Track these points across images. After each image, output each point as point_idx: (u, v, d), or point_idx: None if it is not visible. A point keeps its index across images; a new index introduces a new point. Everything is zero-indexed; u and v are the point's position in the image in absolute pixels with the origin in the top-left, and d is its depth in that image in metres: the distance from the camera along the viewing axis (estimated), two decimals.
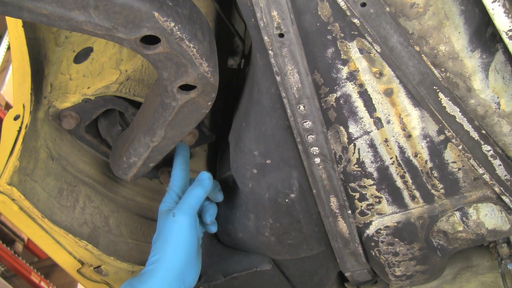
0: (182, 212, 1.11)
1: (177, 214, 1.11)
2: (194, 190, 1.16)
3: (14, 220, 1.14)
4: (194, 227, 1.12)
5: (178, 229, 1.10)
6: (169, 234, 1.10)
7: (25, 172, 1.12)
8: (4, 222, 4.16)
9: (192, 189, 1.16)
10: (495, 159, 0.98)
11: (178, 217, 1.10)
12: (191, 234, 1.11)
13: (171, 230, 1.10)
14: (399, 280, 1.26)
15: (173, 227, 1.10)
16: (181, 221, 1.10)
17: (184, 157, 1.25)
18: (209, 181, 1.18)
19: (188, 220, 1.11)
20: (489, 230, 1.11)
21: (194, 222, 1.12)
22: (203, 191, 1.16)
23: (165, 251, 1.08)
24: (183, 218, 1.10)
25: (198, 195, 1.15)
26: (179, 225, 1.10)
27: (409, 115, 0.98)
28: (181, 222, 1.10)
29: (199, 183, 1.17)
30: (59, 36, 1.40)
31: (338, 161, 1.08)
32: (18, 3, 0.79)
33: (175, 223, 1.10)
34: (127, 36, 0.84)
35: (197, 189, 1.16)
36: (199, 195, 1.15)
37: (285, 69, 0.95)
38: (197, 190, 1.16)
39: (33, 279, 3.97)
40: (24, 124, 1.15)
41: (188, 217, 1.11)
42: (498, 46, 0.88)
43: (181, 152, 1.26)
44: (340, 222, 1.16)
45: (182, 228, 1.10)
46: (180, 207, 1.13)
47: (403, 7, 0.86)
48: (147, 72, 1.22)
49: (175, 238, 1.09)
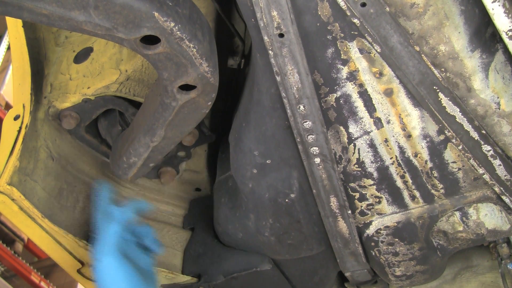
0: (104, 253, 1.11)
1: (100, 257, 1.11)
2: (110, 228, 1.15)
3: (14, 220, 1.14)
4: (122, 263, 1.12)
5: (108, 271, 1.10)
6: (104, 280, 1.10)
7: (25, 172, 1.12)
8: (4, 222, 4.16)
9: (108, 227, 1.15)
10: (495, 159, 0.98)
11: (102, 260, 1.11)
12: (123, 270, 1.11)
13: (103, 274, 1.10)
14: (399, 280, 1.26)
15: (103, 271, 1.11)
16: (107, 263, 1.10)
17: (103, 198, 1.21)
18: (122, 216, 1.17)
19: (113, 259, 1.11)
20: (489, 230, 1.11)
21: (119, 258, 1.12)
22: (118, 226, 1.15)
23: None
24: (108, 259, 1.11)
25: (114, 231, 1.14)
26: (106, 267, 1.10)
27: (409, 115, 0.98)
28: (108, 263, 1.10)
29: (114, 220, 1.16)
30: (59, 36, 1.40)
31: (338, 161, 1.08)
32: (18, 3, 0.79)
33: (103, 267, 1.11)
34: (127, 36, 0.84)
35: (112, 225, 1.15)
36: (115, 231, 1.14)
37: (285, 69, 0.95)
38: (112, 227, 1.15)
39: (33, 279, 3.97)
40: (24, 124, 1.15)
41: (111, 256, 1.11)
42: (498, 46, 0.88)
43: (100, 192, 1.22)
44: (340, 222, 1.16)
45: (110, 269, 1.10)
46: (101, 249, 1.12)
47: (403, 7, 0.86)
48: (147, 72, 1.22)
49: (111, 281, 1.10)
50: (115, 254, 1.12)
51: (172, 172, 1.44)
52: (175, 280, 1.36)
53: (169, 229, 1.47)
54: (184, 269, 1.40)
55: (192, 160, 1.51)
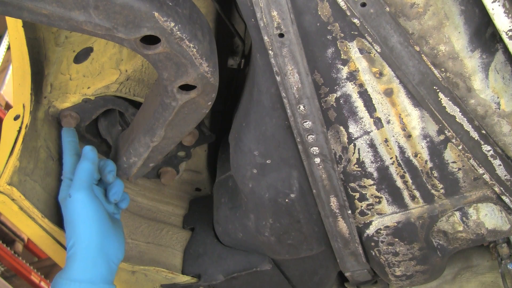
0: (76, 189, 1.08)
1: (72, 193, 1.08)
2: (80, 165, 1.12)
3: (14, 220, 1.14)
4: (93, 200, 1.09)
5: (78, 207, 1.07)
6: (73, 216, 1.08)
7: (25, 172, 1.12)
8: (4, 222, 4.16)
9: (79, 165, 1.13)
10: (495, 159, 0.98)
11: (73, 196, 1.08)
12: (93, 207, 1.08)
13: (73, 210, 1.08)
14: (399, 280, 1.26)
15: (74, 207, 1.08)
16: (77, 198, 1.08)
17: (71, 142, 1.21)
18: (91, 152, 1.15)
19: (83, 195, 1.08)
20: (489, 230, 1.11)
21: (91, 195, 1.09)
22: (89, 163, 1.13)
23: (76, 232, 1.06)
24: (78, 195, 1.08)
25: (85, 168, 1.12)
26: (77, 202, 1.07)
27: (409, 115, 0.98)
28: (78, 199, 1.08)
29: (83, 157, 1.14)
30: (59, 36, 1.40)
31: (338, 161, 1.08)
32: (18, 3, 0.79)
33: (73, 203, 1.08)
34: (127, 36, 0.84)
35: (83, 162, 1.13)
36: (86, 167, 1.12)
37: (285, 69, 0.95)
38: (83, 164, 1.12)
39: (33, 279, 3.97)
40: (24, 124, 1.15)
41: (82, 191, 1.08)
42: (498, 46, 0.88)
43: (66, 138, 1.22)
44: (340, 222, 1.16)
45: (81, 204, 1.08)
46: (72, 186, 1.10)
47: (403, 7, 0.86)
48: (147, 72, 1.22)
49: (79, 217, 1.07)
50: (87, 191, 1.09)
51: (172, 172, 1.44)
52: (175, 280, 1.36)
53: (169, 229, 1.47)
54: (184, 269, 1.40)
55: (192, 160, 1.51)
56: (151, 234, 1.42)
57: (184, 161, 1.46)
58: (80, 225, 1.07)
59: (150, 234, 1.43)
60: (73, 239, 1.06)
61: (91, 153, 1.15)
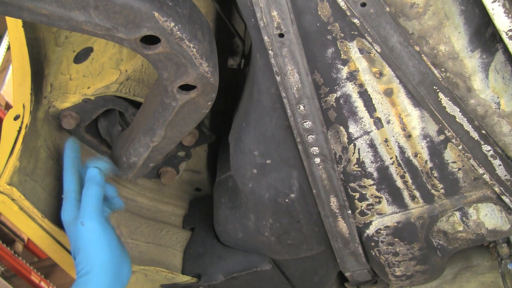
0: (89, 217, 1.07)
1: (85, 221, 1.07)
2: (91, 191, 1.10)
3: (14, 220, 1.14)
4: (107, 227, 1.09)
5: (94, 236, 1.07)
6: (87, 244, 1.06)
7: (25, 172, 1.12)
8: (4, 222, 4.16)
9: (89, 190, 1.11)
10: (495, 159, 0.98)
11: (88, 225, 1.07)
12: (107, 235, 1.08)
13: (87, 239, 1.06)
14: (399, 280, 1.26)
15: (88, 236, 1.06)
16: (92, 227, 1.07)
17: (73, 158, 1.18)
18: (100, 176, 1.13)
19: (98, 223, 1.07)
20: (489, 230, 1.11)
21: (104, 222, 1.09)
22: (100, 188, 1.12)
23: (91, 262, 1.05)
24: (94, 224, 1.07)
25: (96, 193, 1.11)
26: (92, 232, 1.06)
27: (409, 115, 0.98)
28: (94, 228, 1.07)
29: (93, 181, 1.12)
30: (59, 36, 1.40)
31: (338, 161, 1.08)
32: (18, 3, 0.79)
33: (88, 232, 1.06)
34: (127, 36, 0.84)
35: (93, 188, 1.11)
36: (97, 193, 1.11)
37: (285, 69, 0.95)
38: (94, 189, 1.11)
39: (33, 279, 3.97)
40: (24, 124, 1.15)
41: (97, 220, 1.07)
42: (498, 46, 0.88)
43: (69, 153, 1.18)
44: (340, 222, 1.16)
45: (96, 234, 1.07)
46: (85, 213, 1.08)
47: (403, 7, 0.86)
48: (147, 72, 1.22)
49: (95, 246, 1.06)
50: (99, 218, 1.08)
51: (172, 172, 1.44)
52: (175, 280, 1.36)
53: (169, 229, 1.47)
54: (184, 269, 1.40)
55: (192, 160, 1.51)
56: (151, 234, 1.42)
57: (184, 161, 1.46)
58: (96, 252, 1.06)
59: (150, 234, 1.43)
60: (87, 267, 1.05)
61: (99, 177, 1.13)
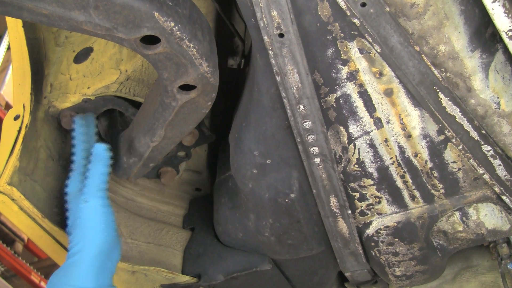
0: (93, 195, 1.06)
1: (89, 198, 1.06)
2: (97, 168, 1.10)
3: (14, 220, 1.14)
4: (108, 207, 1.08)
5: (94, 214, 1.05)
6: (86, 221, 1.05)
7: (25, 172, 1.12)
8: (4, 222, 4.16)
9: (95, 167, 1.10)
10: (495, 159, 0.98)
11: (90, 202, 1.06)
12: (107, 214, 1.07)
13: (88, 216, 1.05)
14: (399, 280, 1.26)
15: (89, 213, 1.05)
16: (95, 205, 1.06)
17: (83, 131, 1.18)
18: (106, 154, 1.13)
19: (101, 202, 1.06)
20: (489, 230, 1.11)
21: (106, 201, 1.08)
22: (105, 166, 1.11)
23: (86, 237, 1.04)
24: (96, 201, 1.06)
25: (102, 172, 1.10)
26: (94, 210, 1.05)
27: (409, 115, 0.98)
28: (96, 206, 1.06)
29: (99, 159, 1.12)
30: (59, 36, 1.40)
31: (338, 161, 1.08)
32: (18, 3, 0.79)
33: (89, 209, 1.05)
34: (127, 36, 0.84)
35: (99, 165, 1.11)
36: (103, 171, 1.10)
37: (285, 69, 0.95)
38: (100, 167, 1.10)
39: (33, 279, 3.97)
40: (24, 124, 1.15)
41: (100, 198, 1.07)
42: (498, 46, 0.88)
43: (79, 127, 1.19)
44: (340, 222, 1.16)
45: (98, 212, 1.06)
46: (89, 190, 1.07)
47: (403, 7, 0.86)
48: (147, 72, 1.22)
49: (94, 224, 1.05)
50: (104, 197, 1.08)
51: (172, 172, 1.44)
52: (175, 280, 1.36)
53: (169, 229, 1.47)
54: (184, 269, 1.40)
55: (192, 160, 1.51)
56: (151, 234, 1.42)
57: (184, 161, 1.46)
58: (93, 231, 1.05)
59: (150, 234, 1.43)
60: (81, 243, 1.04)
61: (105, 154, 1.13)
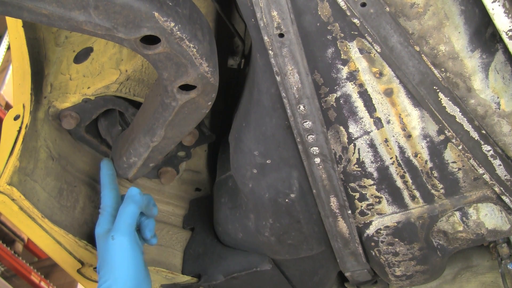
0: (120, 233, 1.09)
1: (116, 236, 1.09)
2: (128, 208, 1.13)
3: (14, 220, 1.14)
4: (135, 245, 1.11)
5: (121, 251, 1.08)
6: (113, 258, 1.08)
7: (25, 172, 1.12)
8: (4, 222, 4.16)
9: (125, 207, 1.14)
10: (495, 159, 0.98)
11: (118, 239, 1.08)
12: (134, 252, 1.09)
13: (115, 253, 1.08)
14: (399, 280, 1.26)
15: (116, 250, 1.08)
16: (121, 242, 1.08)
17: (110, 175, 1.22)
18: (139, 196, 1.16)
19: (128, 240, 1.09)
20: (489, 230, 1.11)
21: (134, 240, 1.11)
22: (136, 207, 1.14)
23: (115, 275, 1.06)
24: (123, 239, 1.09)
25: (132, 211, 1.13)
26: (120, 246, 1.08)
27: (409, 115, 0.98)
28: (122, 243, 1.08)
29: (131, 200, 1.15)
30: (59, 36, 1.40)
31: (338, 161, 1.08)
32: (18, 3, 0.79)
33: (116, 246, 1.08)
34: (127, 36, 0.84)
35: (130, 206, 1.13)
36: (133, 211, 1.13)
37: (285, 69, 0.95)
38: (130, 207, 1.13)
39: (33, 279, 3.97)
40: (24, 124, 1.15)
41: (127, 236, 1.09)
42: (498, 46, 0.88)
43: (106, 171, 1.23)
44: (340, 222, 1.16)
45: (124, 249, 1.08)
46: (117, 228, 1.10)
47: (403, 7, 0.86)
48: (147, 72, 1.22)
49: (121, 261, 1.08)
50: (130, 235, 1.10)
51: (172, 172, 1.44)
52: (175, 280, 1.36)
53: (169, 229, 1.47)
54: (184, 269, 1.40)
55: (192, 160, 1.51)
56: None
57: (184, 161, 1.46)
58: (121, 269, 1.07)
59: None
60: (110, 281, 1.06)
61: (138, 197, 1.16)
